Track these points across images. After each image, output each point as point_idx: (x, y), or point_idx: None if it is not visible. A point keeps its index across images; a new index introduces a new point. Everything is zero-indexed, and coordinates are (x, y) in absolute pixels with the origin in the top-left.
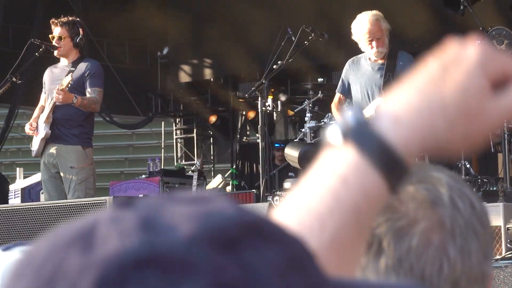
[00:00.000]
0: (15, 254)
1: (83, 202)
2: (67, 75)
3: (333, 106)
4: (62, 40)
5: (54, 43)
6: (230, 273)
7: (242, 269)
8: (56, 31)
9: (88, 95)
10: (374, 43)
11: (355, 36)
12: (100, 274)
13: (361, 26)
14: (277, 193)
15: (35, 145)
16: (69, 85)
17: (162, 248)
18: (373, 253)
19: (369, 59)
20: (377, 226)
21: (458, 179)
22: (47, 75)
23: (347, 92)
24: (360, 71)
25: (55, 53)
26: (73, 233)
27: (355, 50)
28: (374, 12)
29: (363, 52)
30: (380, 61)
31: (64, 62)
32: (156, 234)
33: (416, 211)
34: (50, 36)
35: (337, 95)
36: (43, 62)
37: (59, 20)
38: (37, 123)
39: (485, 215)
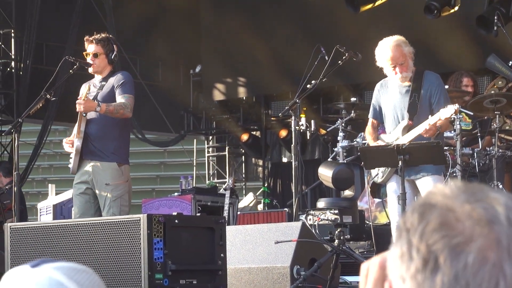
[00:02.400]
0: (44, 270)
1: (116, 220)
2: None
3: (367, 131)
4: (98, 57)
5: (89, 60)
6: None
7: None
8: (91, 48)
9: None
10: (397, 69)
11: (379, 63)
12: None
13: (383, 53)
14: (310, 212)
15: (71, 160)
16: (88, 93)
17: None
18: (429, 270)
19: (396, 82)
20: (433, 242)
21: None
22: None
23: (379, 116)
24: (388, 94)
25: (90, 70)
26: None
27: None
28: (395, 37)
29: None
30: (407, 83)
31: (98, 78)
32: None
33: (473, 229)
34: (84, 53)
35: (370, 120)
36: (77, 79)
37: (93, 37)
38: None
39: None
